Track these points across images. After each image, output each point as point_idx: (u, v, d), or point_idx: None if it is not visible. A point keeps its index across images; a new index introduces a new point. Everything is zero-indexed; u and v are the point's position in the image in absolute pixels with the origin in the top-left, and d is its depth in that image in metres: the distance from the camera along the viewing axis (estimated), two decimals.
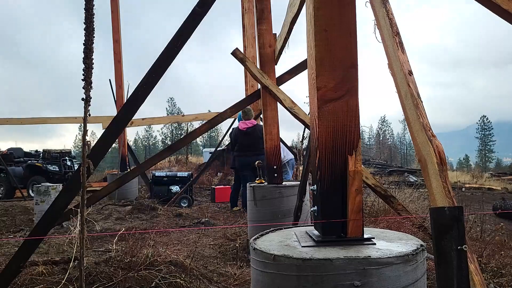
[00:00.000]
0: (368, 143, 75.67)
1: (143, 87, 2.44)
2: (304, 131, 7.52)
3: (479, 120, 74.56)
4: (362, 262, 1.27)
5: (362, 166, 1.72)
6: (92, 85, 1.23)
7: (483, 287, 1.29)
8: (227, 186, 8.84)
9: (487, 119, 74.14)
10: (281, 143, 6.40)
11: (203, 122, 6.78)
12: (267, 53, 4.20)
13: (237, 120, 7.34)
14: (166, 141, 68.04)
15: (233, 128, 7.37)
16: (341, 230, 1.55)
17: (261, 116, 4.45)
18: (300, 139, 7.99)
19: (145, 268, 2.77)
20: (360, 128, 1.65)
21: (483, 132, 72.79)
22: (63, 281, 2.56)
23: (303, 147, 7.92)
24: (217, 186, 8.95)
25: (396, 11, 1.62)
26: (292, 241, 1.59)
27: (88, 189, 1.48)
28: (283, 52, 4.09)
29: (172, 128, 66.68)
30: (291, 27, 3.56)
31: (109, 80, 9.54)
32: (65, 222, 4.65)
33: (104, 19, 8.92)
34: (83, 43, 1.22)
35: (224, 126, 8.15)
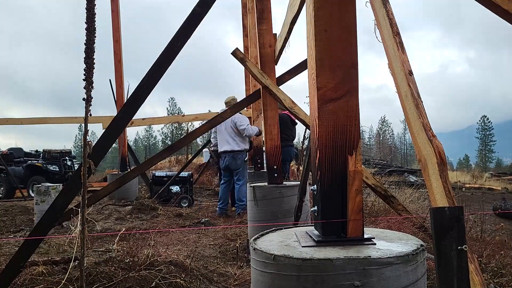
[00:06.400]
0: (368, 143, 75.64)
1: (143, 87, 2.44)
2: (304, 131, 7.54)
3: (479, 120, 74.60)
4: (362, 262, 1.27)
5: (362, 166, 1.72)
6: (93, 85, 1.23)
7: (483, 287, 1.29)
8: None
9: (487, 119, 74.14)
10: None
11: (203, 122, 6.78)
12: (267, 53, 4.20)
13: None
14: (166, 141, 68.02)
15: None
16: (341, 230, 1.55)
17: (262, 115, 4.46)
18: (301, 139, 7.98)
19: (145, 268, 2.77)
20: (360, 128, 1.65)
21: (483, 132, 72.76)
22: (63, 281, 2.56)
23: (303, 147, 7.93)
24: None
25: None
26: (292, 241, 1.60)
27: (88, 189, 1.48)
28: (283, 52, 4.09)
29: (172, 128, 66.65)
30: (291, 27, 3.56)
31: (109, 80, 9.54)
32: (65, 222, 4.65)
33: (105, 19, 8.92)
34: (85, 43, 1.22)
35: None
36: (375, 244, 1.48)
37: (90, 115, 1.27)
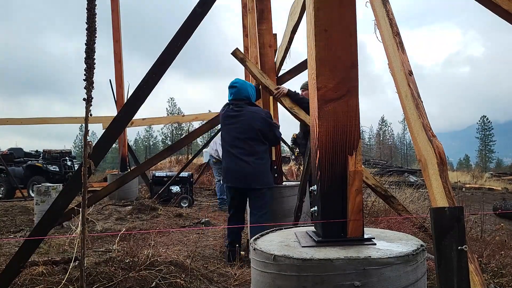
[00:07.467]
0: (368, 143, 75.64)
1: (143, 87, 2.44)
2: None
3: (479, 120, 74.57)
4: (362, 262, 1.27)
5: (362, 166, 1.72)
6: (93, 85, 1.23)
7: (483, 287, 1.29)
8: None
9: (487, 119, 74.11)
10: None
11: (203, 122, 6.77)
12: (267, 53, 4.20)
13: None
14: (166, 141, 68.03)
15: None
16: (341, 230, 1.55)
17: None
18: None
19: (146, 268, 2.77)
20: (360, 128, 1.65)
21: (483, 132, 72.74)
22: (63, 281, 2.56)
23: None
24: None
25: None
26: (292, 241, 1.59)
27: (88, 189, 1.48)
28: (284, 62, 4.11)
29: (172, 128, 66.67)
30: (292, 36, 3.56)
31: (109, 80, 9.55)
32: (66, 222, 4.66)
33: (105, 19, 8.92)
34: (85, 43, 1.22)
35: None
36: (375, 244, 1.48)
37: (91, 115, 1.28)
